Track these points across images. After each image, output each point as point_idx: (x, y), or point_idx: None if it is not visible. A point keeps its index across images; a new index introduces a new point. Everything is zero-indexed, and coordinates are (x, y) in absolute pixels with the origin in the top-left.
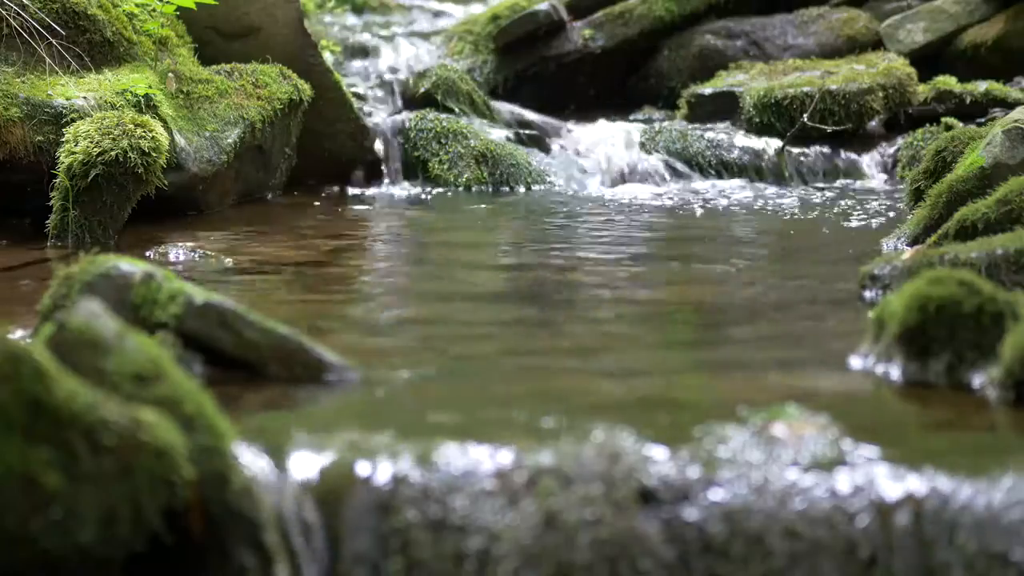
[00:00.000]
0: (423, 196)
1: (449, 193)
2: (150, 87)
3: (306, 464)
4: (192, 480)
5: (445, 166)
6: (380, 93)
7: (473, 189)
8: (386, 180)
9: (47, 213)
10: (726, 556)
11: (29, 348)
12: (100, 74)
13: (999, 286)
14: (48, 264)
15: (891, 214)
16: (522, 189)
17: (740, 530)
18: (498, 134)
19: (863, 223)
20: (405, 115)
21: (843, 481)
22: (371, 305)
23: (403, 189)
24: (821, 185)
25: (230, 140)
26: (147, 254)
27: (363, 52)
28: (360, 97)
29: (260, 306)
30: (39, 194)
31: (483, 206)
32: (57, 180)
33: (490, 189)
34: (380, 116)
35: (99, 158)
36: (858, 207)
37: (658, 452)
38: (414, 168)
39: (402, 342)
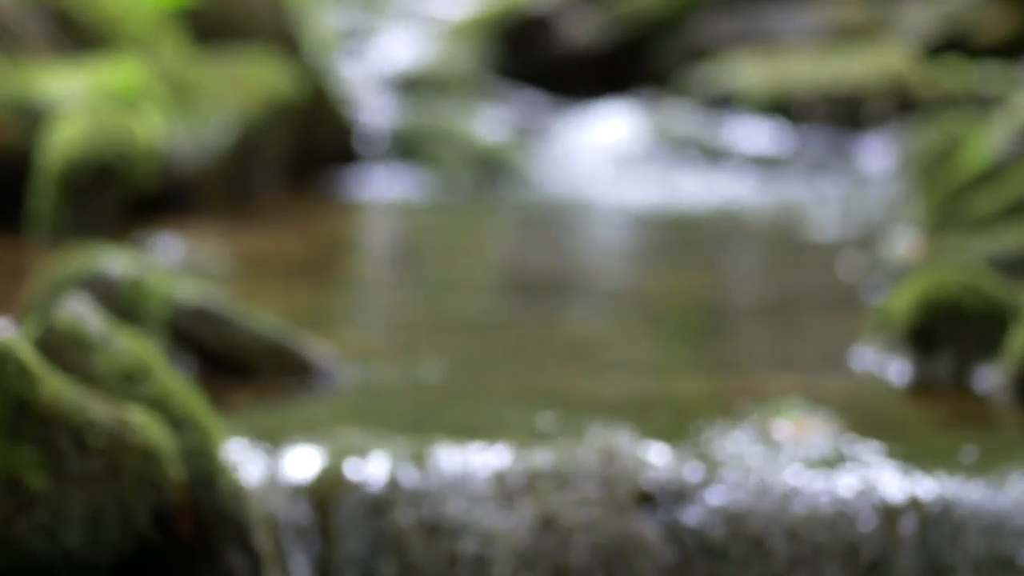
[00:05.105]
0: (418, 195)
1: (444, 192)
2: (140, 84)
3: (297, 465)
4: (181, 482)
5: (440, 165)
6: (374, 91)
7: (468, 188)
8: (380, 179)
9: (37, 212)
10: (726, 558)
11: (14, 347)
12: (89, 70)
13: (1003, 283)
14: (36, 263)
15: (893, 209)
16: (518, 187)
17: (740, 532)
18: (494, 133)
19: (864, 218)
20: (400, 113)
21: (845, 481)
22: (364, 304)
23: (397, 188)
24: (821, 179)
25: (222, 138)
26: (137, 253)
27: (358, 49)
28: (354, 95)
29: (251, 305)
30: (26, 192)
31: (478, 205)
32: (46, 178)
33: (486, 188)
34: (374, 114)
35: (89, 156)
36: (859, 202)
37: (657, 452)
38: (408, 166)
39: (396, 341)
